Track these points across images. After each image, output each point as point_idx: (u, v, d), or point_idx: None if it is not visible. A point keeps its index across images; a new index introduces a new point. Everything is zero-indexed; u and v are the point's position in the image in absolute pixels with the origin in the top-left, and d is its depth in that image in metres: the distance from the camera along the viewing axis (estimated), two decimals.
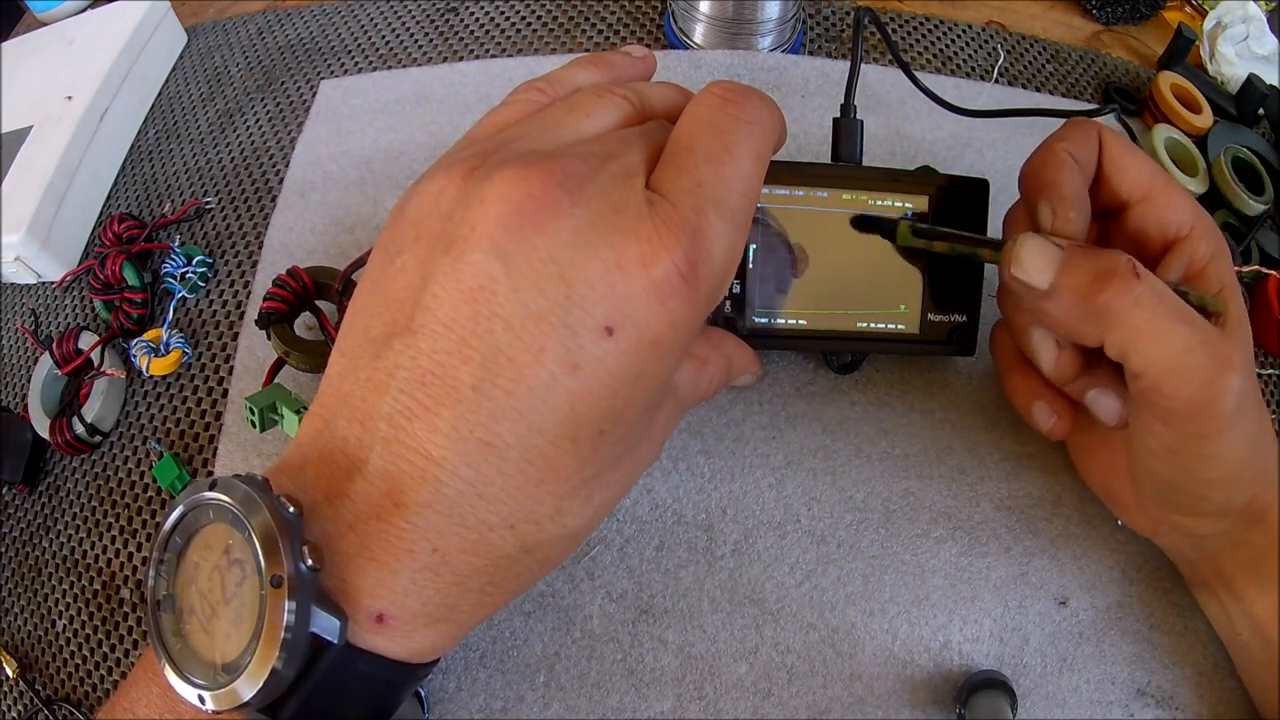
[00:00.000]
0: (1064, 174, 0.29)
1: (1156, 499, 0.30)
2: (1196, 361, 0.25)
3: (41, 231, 0.42)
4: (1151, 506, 0.30)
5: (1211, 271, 0.29)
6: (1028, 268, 0.27)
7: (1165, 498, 0.30)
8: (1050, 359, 0.30)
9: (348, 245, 0.41)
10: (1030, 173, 0.30)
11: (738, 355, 0.31)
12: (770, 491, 0.35)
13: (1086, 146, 0.30)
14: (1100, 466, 0.32)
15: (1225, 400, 0.26)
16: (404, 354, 0.22)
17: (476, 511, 0.22)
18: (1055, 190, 0.29)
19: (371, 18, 0.52)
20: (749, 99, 0.25)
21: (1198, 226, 0.30)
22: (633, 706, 0.31)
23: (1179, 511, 0.30)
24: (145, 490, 0.38)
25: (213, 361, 0.40)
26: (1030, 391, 0.32)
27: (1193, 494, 0.29)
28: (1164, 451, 0.28)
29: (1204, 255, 0.29)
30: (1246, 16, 0.50)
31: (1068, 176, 0.29)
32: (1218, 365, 0.26)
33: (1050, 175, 0.29)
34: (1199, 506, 0.29)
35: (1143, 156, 0.31)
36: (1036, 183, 0.30)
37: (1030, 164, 0.31)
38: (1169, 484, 0.29)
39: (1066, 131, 0.31)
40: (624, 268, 0.21)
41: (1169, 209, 0.30)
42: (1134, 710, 0.32)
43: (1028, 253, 0.27)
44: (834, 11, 0.51)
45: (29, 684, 0.36)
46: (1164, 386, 0.26)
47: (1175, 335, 0.25)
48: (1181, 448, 0.27)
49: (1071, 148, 0.30)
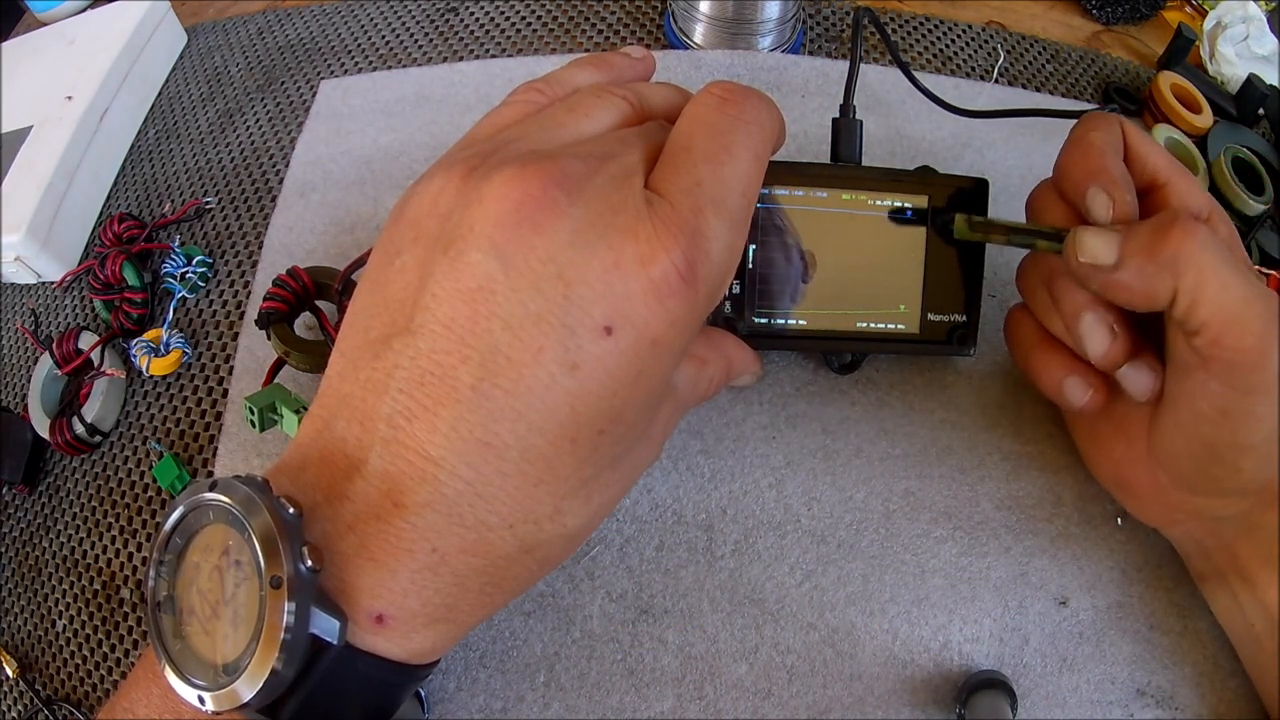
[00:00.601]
0: (1109, 159, 0.29)
1: (1184, 477, 0.30)
2: (1257, 311, 0.26)
3: (41, 231, 0.42)
4: (1173, 490, 0.30)
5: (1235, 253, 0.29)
6: (1093, 250, 0.28)
7: (1198, 472, 0.29)
8: (1103, 345, 0.29)
9: (348, 245, 0.41)
10: (1074, 163, 0.30)
11: (737, 355, 0.31)
12: (770, 491, 0.35)
13: (1115, 134, 0.31)
14: (1115, 457, 0.32)
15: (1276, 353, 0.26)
16: (403, 354, 0.22)
17: (476, 511, 0.22)
18: (1106, 175, 0.29)
19: (371, 18, 0.52)
20: (747, 99, 0.25)
21: (1215, 212, 0.30)
22: (633, 706, 0.31)
23: (1205, 490, 0.30)
24: (145, 490, 0.38)
25: (213, 361, 0.40)
26: (1060, 368, 0.31)
27: (1229, 464, 0.28)
28: (1214, 413, 0.27)
29: (1225, 237, 0.30)
30: (1246, 16, 0.50)
31: (1113, 161, 0.29)
32: (1273, 317, 0.26)
33: (1096, 162, 0.29)
34: (1229, 480, 0.29)
35: (1159, 146, 0.31)
36: (1083, 171, 0.30)
37: (1068, 156, 0.31)
38: (1209, 452, 0.28)
39: (1095, 121, 0.31)
40: (622, 267, 0.21)
41: (1189, 194, 0.30)
42: (1134, 710, 0.32)
43: (1091, 237, 0.28)
44: (834, 11, 0.51)
45: (29, 684, 0.36)
46: (1228, 337, 0.26)
47: (1237, 284, 0.26)
48: (1234, 406, 0.27)
49: (1104, 135, 0.30)
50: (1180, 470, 0.30)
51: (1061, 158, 0.31)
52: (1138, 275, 0.27)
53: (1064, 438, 0.35)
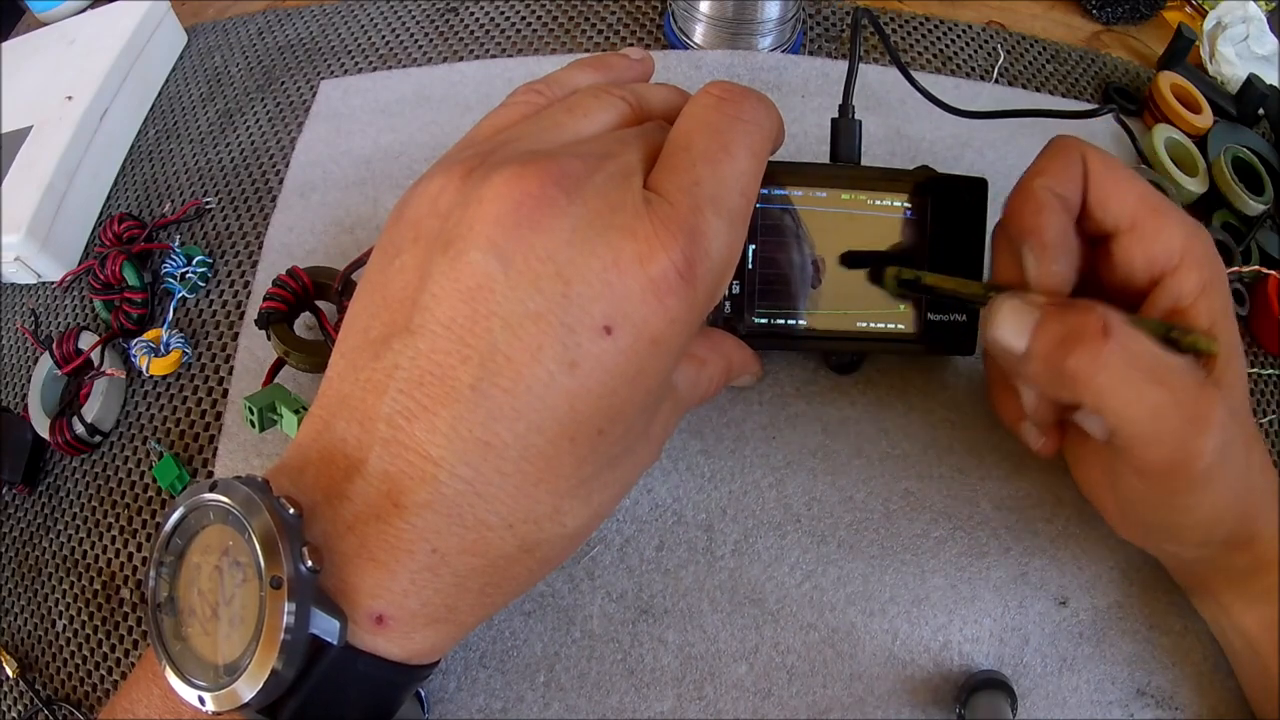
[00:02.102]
0: (1044, 218, 0.28)
1: (1137, 531, 0.31)
2: (1169, 425, 0.25)
3: (41, 231, 0.42)
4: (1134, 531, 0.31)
5: (1202, 306, 0.28)
6: (1004, 332, 0.27)
7: (1144, 531, 0.30)
8: (1031, 404, 0.30)
9: (348, 245, 0.41)
10: (1012, 215, 0.29)
11: (737, 356, 0.31)
12: (770, 491, 0.35)
13: (1068, 177, 0.29)
14: (1092, 479, 0.32)
15: (1197, 462, 0.25)
16: (403, 354, 0.22)
17: (475, 511, 0.22)
18: (1037, 237, 0.28)
19: (371, 18, 0.52)
20: (746, 99, 0.25)
21: (1188, 255, 0.28)
22: (633, 706, 0.31)
23: (1160, 541, 0.31)
24: (145, 490, 0.38)
25: (213, 361, 0.40)
26: (1017, 410, 0.31)
27: (1170, 533, 0.29)
28: (1140, 499, 0.28)
29: (1193, 289, 0.28)
30: (1246, 16, 0.50)
31: (1048, 221, 0.28)
32: (1191, 427, 0.25)
33: (1030, 220, 0.28)
34: (1180, 538, 0.29)
35: (1130, 179, 0.29)
36: (1018, 225, 0.29)
37: (1011, 204, 0.29)
38: (1146, 523, 0.29)
39: (1046, 163, 0.29)
40: (622, 266, 0.22)
41: (1156, 240, 0.28)
42: (1134, 710, 0.32)
43: (1003, 317, 0.27)
44: (834, 11, 0.51)
45: (29, 684, 0.36)
46: (1135, 448, 0.26)
47: (1145, 399, 0.25)
48: (1156, 500, 0.27)
49: (1051, 182, 0.28)
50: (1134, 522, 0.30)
51: (1007, 201, 0.30)
52: (1040, 377, 0.26)
53: None
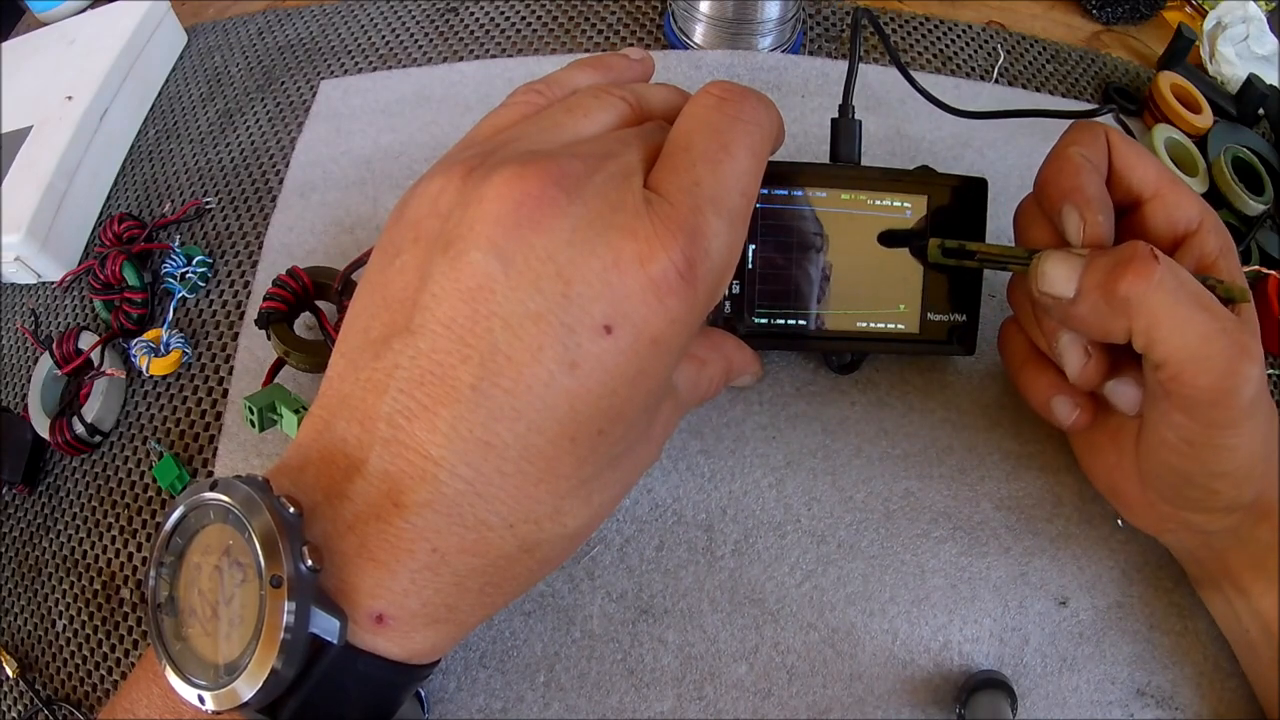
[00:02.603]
0: (1084, 177, 0.29)
1: (1166, 495, 0.30)
2: (1218, 348, 0.25)
3: (41, 231, 0.42)
4: (1159, 503, 0.30)
5: (1222, 265, 0.29)
6: (1053, 281, 0.28)
7: (1175, 493, 0.29)
8: (1077, 365, 0.29)
9: (348, 245, 0.41)
10: (1049, 180, 0.30)
11: (737, 356, 0.31)
12: (770, 491, 0.35)
13: (1097, 148, 0.30)
14: (1107, 464, 0.32)
15: (1245, 389, 0.26)
16: (403, 354, 0.22)
17: (476, 511, 0.22)
18: (1079, 194, 0.29)
19: (371, 18, 0.52)
20: (746, 99, 0.25)
21: (1206, 222, 0.30)
22: (633, 706, 0.31)
23: (1188, 508, 0.30)
24: (145, 490, 0.38)
25: (213, 361, 0.40)
26: (1048, 386, 0.31)
27: (1204, 488, 0.28)
28: (1180, 443, 0.27)
29: (1214, 250, 0.29)
30: (1246, 16, 0.50)
31: (1088, 179, 0.29)
32: (1238, 353, 0.26)
33: (1070, 180, 0.29)
34: (1209, 501, 0.29)
35: (1149, 155, 0.31)
36: (1057, 189, 0.29)
37: (1047, 171, 0.30)
38: (1182, 477, 0.29)
39: (1076, 135, 0.30)
40: (622, 266, 0.22)
41: (1178, 206, 0.30)
42: (1134, 710, 0.32)
43: (1052, 267, 0.28)
44: (834, 11, 0.51)
45: (29, 684, 0.36)
46: (1185, 375, 0.26)
47: (1196, 321, 0.25)
48: (1199, 438, 0.27)
49: (1085, 150, 0.30)
50: (1162, 488, 0.30)
51: (1041, 172, 0.31)
52: (1093, 312, 0.27)
53: (1064, 438, 0.35)
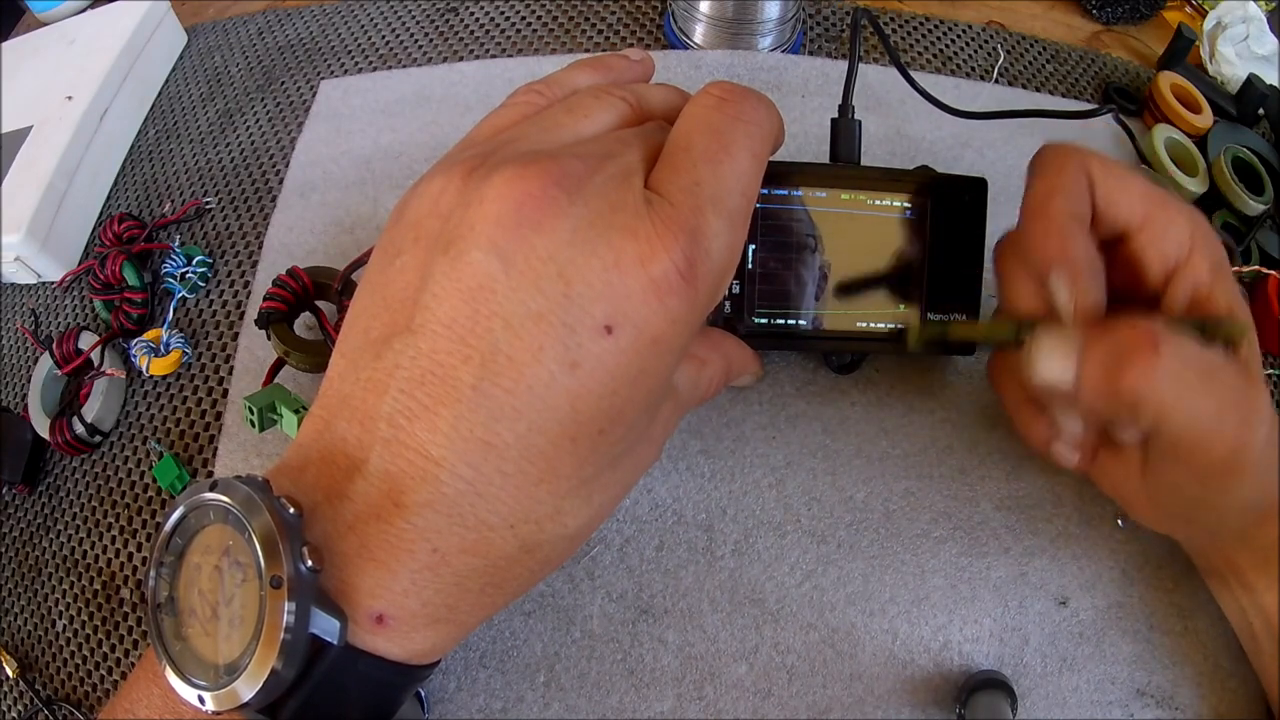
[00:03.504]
0: (1071, 244, 0.27)
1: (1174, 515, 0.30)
2: (1229, 424, 0.25)
3: (41, 231, 0.42)
4: (1166, 520, 0.31)
5: (1218, 290, 0.28)
6: (1050, 369, 0.26)
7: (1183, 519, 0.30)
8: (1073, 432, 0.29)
9: (348, 245, 0.41)
10: (1034, 242, 0.28)
11: (737, 356, 0.31)
12: (770, 491, 0.35)
13: (1078, 191, 0.28)
14: (1115, 480, 0.31)
15: (1252, 453, 0.26)
16: (404, 354, 0.22)
17: (476, 511, 0.22)
18: (1070, 266, 0.27)
19: (371, 18, 0.52)
20: (746, 99, 0.25)
21: (1196, 243, 0.29)
22: (633, 706, 0.31)
23: (1195, 526, 0.31)
24: (145, 490, 0.38)
25: (213, 361, 0.40)
26: (1047, 430, 0.31)
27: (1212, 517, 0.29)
28: (1186, 494, 0.28)
29: (1208, 276, 0.28)
30: (1246, 16, 0.50)
31: (1075, 245, 0.27)
32: (1248, 420, 0.25)
33: (1057, 247, 0.28)
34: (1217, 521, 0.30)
35: (1133, 178, 0.29)
36: (1044, 252, 0.28)
37: (1031, 229, 0.29)
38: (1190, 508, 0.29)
39: (1056, 180, 0.28)
40: (622, 266, 0.22)
41: (1166, 236, 0.29)
42: (1134, 710, 0.32)
43: (1045, 353, 0.26)
44: (834, 11, 0.51)
45: (29, 684, 0.36)
46: (1197, 453, 0.26)
47: (1205, 405, 0.25)
48: (1206, 495, 0.27)
49: (1067, 202, 0.28)
50: (1171, 510, 0.30)
51: (1025, 226, 0.29)
52: (1095, 402, 0.26)
53: None
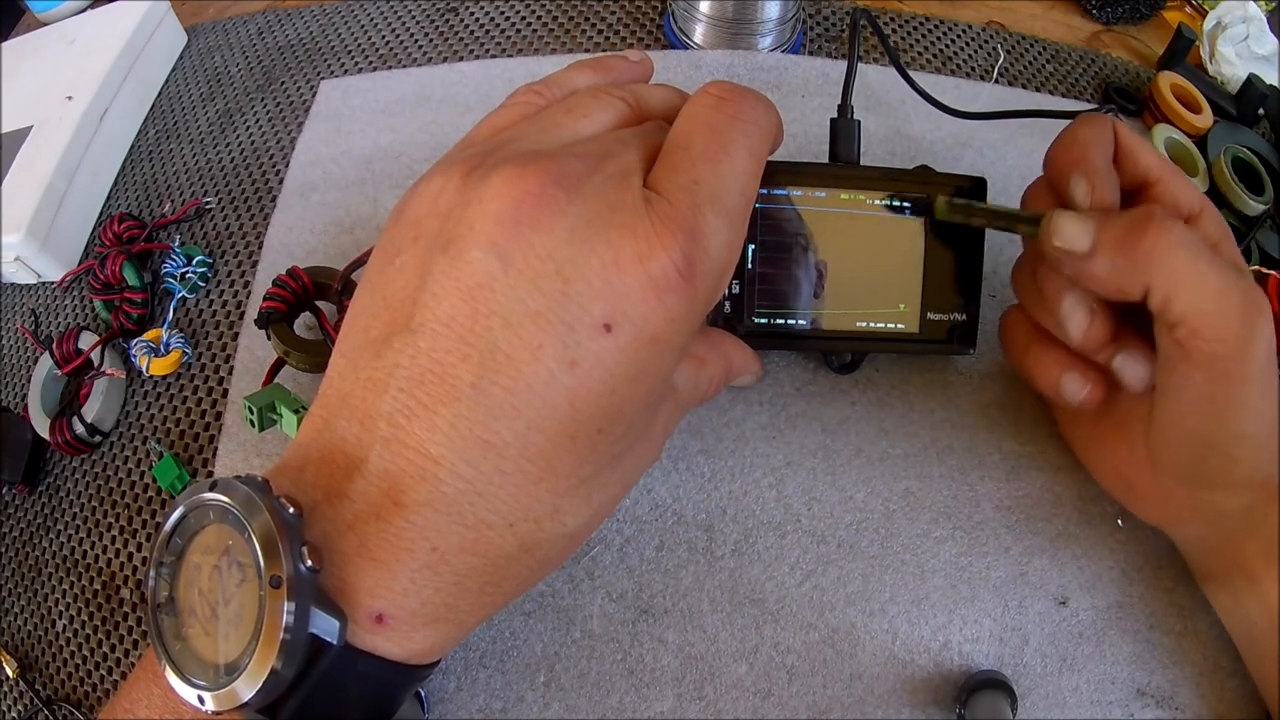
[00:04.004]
0: (1092, 150, 0.30)
1: (1183, 473, 0.30)
2: (1234, 301, 0.26)
3: (41, 231, 0.42)
4: (1175, 487, 0.30)
5: (1224, 249, 0.30)
6: (1068, 235, 0.28)
7: (1193, 469, 0.29)
8: (1082, 326, 0.30)
9: (348, 245, 0.41)
10: (1058, 153, 0.31)
11: (737, 355, 0.31)
12: (770, 491, 0.35)
13: (1105, 134, 0.31)
14: (1116, 458, 0.32)
15: (1261, 340, 0.26)
16: (403, 353, 0.22)
17: (476, 510, 0.22)
18: (1087, 164, 0.30)
19: (371, 18, 0.52)
20: (745, 99, 0.26)
21: (1206, 210, 0.31)
22: (633, 706, 0.31)
23: (1206, 484, 0.30)
24: (145, 490, 0.38)
25: (213, 361, 0.40)
26: (1055, 364, 0.31)
27: (1225, 454, 0.28)
28: (1200, 403, 0.28)
29: (1215, 234, 0.30)
30: (1246, 16, 0.50)
31: (1096, 153, 0.30)
32: (1253, 303, 0.26)
33: (1079, 152, 0.30)
34: (1229, 473, 0.29)
35: (1152, 146, 0.32)
36: (1066, 159, 0.30)
37: (1055, 148, 0.32)
38: (1202, 445, 0.29)
39: (1084, 119, 0.32)
40: (621, 265, 0.22)
41: (1182, 190, 0.31)
42: (1134, 710, 0.31)
43: (1066, 222, 0.28)
44: (834, 11, 0.51)
45: (29, 684, 0.36)
46: (1205, 328, 0.26)
47: (1213, 275, 0.26)
48: (1219, 394, 0.27)
49: (1092, 131, 0.31)
50: (1179, 465, 0.30)
51: (1049, 151, 0.32)
52: (1110, 267, 0.27)
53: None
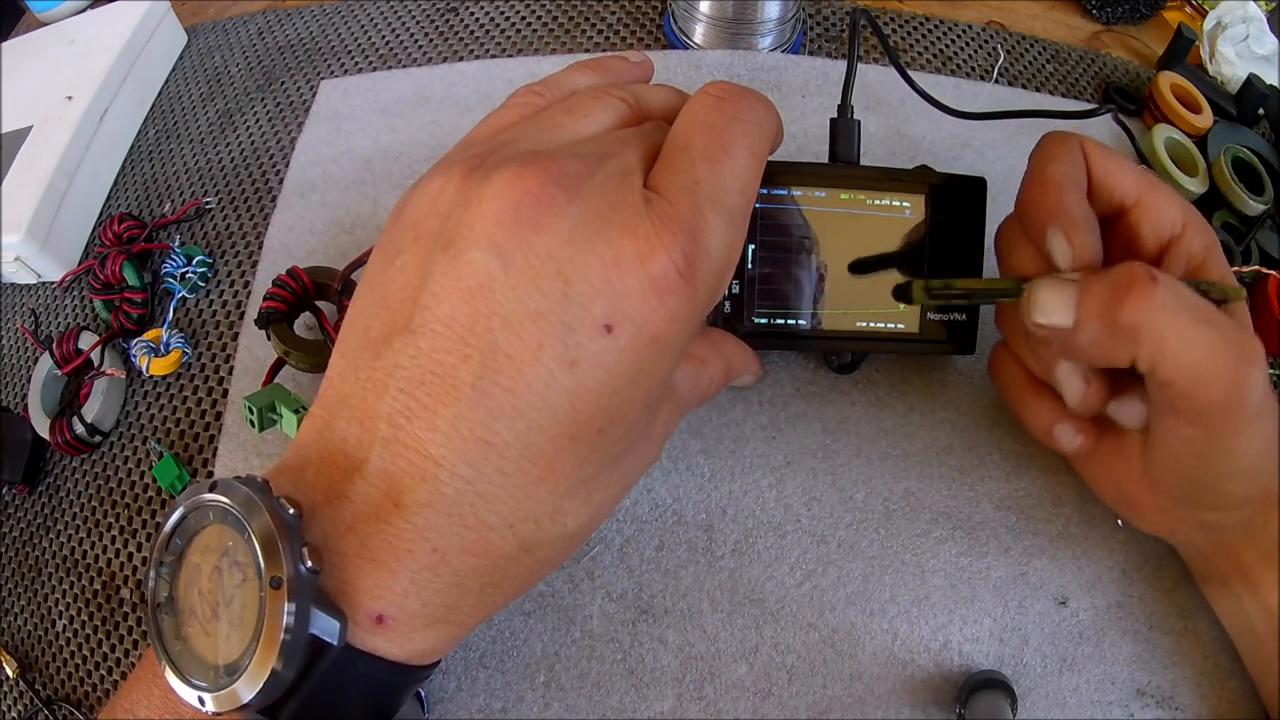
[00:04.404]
0: (1067, 196, 0.28)
1: (1177, 499, 0.30)
2: (1223, 361, 0.25)
3: (41, 231, 0.42)
4: (1171, 507, 0.30)
5: (1211, 265, 0.29)
6: (1049, 312, 0.27)
7: (1187, 497, 0.30)
8: (1078, 393, 0.29)
9: (348, 245, 0.41)
10: (1031, 203, 0.29)
11: (737, 356, 0.31)
12: (770, 491, 0.35)
13: (1073, 162, 0.29)
14: (1113, 475, 0.32)
15: (1252, 394, 0.26)
16: (403, 353, 0.22)
17: (476, 511, 0.22)
18: (1064, 216, 0.28)
19: (371, 18, 0.52)
20: (744, 98, 0.26)
21: (1189, 223, 0.30)
22: (633, 706, 0.31)
23: (1200, 508, 0.30)
24: (145, 490, 0.38)
25: (213, 361, 0.40)
26: (1048, 414, 0.31)
27: (1216, 490, 0.28)
28: (1190, 454, 0.27)
29: (1200, 250, 0.29)
30: (1246, 16, 0.50)
31: (1070, 199, 0.28)
32: (1242, 359, 0.26)
33: (1053, 201, 0.28)
34: (1221, 502, 0.29)
35: (1126, 161, 0.30)
36: (1040, 212, 0.29)
37: (1027, 193, 0.30)
38: (1193, 483, 0.29)
39: (1051, 150, 0.30)
40: (622, 265, 0.22)
41: (1161, 211, 0.29)
42: (1134, 710, 0.32)
43: (1046, 297, 0.27)
44: (834, 11, 0.51)
45: (29, 684, 0.36)
46: (1194, 392, 0.26)
47: (1200, 338, 0.25)
48: (1209, 447, 0.27)
49: (1062, 167, 0.29)
50: (1173, 493, 0.30)
51: (1021, 194, 0.30)
52: (1094, 341, 0.26)
53: None
